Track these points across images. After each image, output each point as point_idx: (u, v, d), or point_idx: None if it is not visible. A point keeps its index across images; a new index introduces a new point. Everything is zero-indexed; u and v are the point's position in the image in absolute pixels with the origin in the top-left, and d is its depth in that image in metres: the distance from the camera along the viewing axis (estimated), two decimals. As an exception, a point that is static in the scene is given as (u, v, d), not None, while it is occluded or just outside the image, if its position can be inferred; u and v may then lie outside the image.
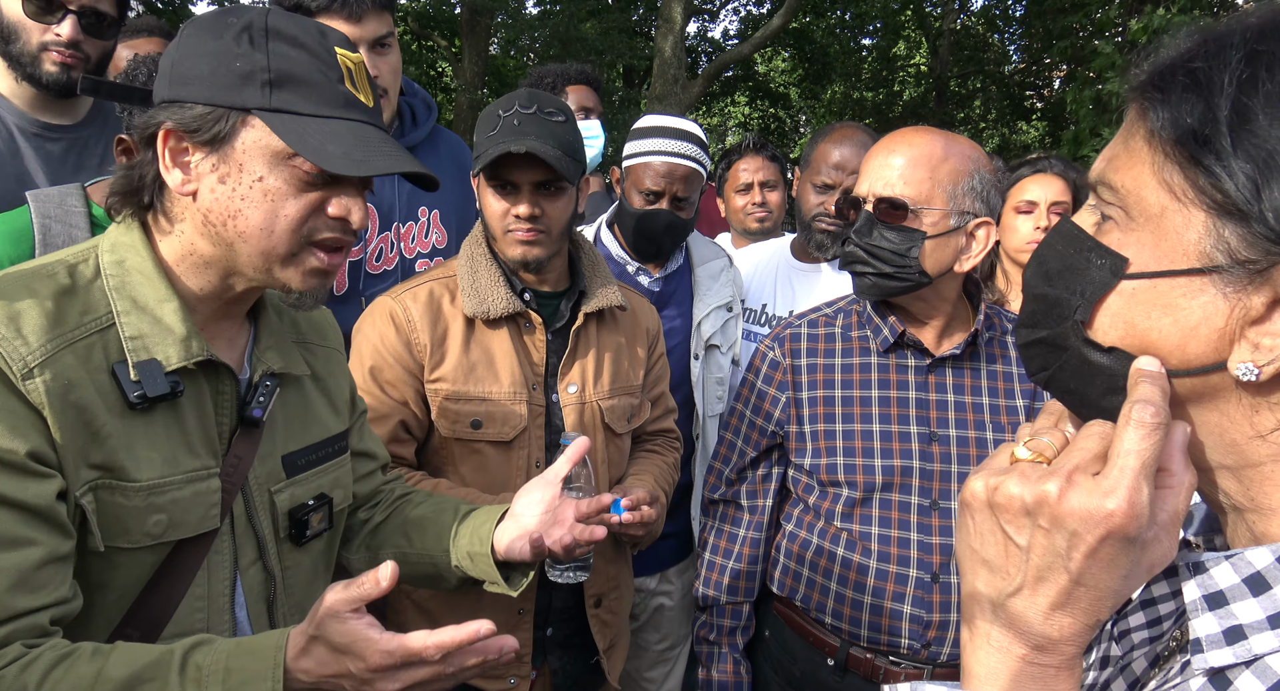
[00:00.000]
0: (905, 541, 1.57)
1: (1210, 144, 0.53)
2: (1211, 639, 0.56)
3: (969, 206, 1.51)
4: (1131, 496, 0.52)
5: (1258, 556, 0.56)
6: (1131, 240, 0.58)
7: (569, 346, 1.75)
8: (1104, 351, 0.60)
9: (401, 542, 1.38)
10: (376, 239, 2.10)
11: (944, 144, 1.52)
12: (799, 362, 1.72)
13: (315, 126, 1.01)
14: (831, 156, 2.29)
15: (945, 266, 1.53)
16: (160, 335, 1.02)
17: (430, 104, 2.28)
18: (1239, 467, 0.58)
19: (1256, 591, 0.55)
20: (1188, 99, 0.54)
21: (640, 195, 2.12)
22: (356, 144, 1.02)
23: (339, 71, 1.04)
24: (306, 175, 1.02)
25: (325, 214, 1.05)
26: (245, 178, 1.01)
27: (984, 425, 1.59)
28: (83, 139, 2.00)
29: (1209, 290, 0.54)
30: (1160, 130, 0.56)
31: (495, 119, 1.62)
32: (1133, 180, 0.58)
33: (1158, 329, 0.57)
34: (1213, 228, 0.54)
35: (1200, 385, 0.57)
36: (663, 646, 2.34)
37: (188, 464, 1.04)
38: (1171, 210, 0.56)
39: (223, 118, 0.99)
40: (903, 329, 1.62)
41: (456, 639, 0.93)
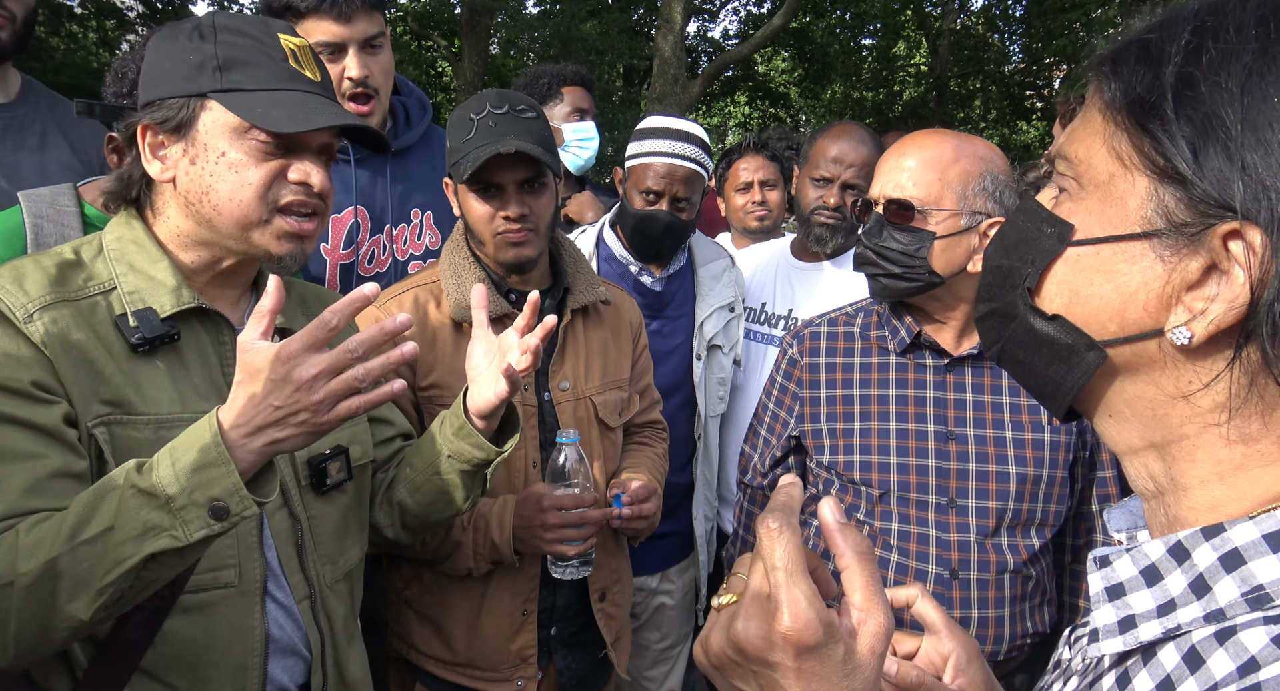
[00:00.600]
0: (924, 537, 1.59)
1: (1155, 110, 0.54)
2: (1108, 628, 0.58)
3: (980, 206, 1.52)
4: (793, 608, 0.54)
5: (1153, 548, 0.57)
6: (1080, 209, 0.60)
7: (559, 343, 1.75)
8: (1048, 320, 0.61)
9: (406, 472, 1.43)
10: (368, 241, 2.09)
11: (955, 145, 1.54)
12: (816, 360, 1.75)
13: (262, 98, 1.14)
14: (829, 151, 2.31)
15: (957, 266, 1.54)
16: (154, 288, 1.15)
17: (425, 104, 2.28)
18: (1165, 444, 0.59)
19: (1150, 582, 0.57)
20: (1139, 69, 0.56)
21: (641, 196, 2.12)
22: (300, 107, 1.15)
23: (282, 52, 1.18)
24: (264, 145, 1.14)
25: (287, 180, 1.16)
26: (211, 155, 1.14)
27: (1003, 424, 1.60)
28: (19, 117, 1.97)
29: (1148, 255, 0.55)
30: (1112, 101, 0.58)
31: (468, 122, 1.60)
32: (1085, 149, 0.60)
33: (1099, 295, 0.58)
34: (1154, 192, 0.55)
35: (1137, 353, 0.57)
36: (663, 645, 2.34)
37: (197, 406, 1.14)
38: (1118, 176, 0.57)
39: (184, 105, 1.13)
40: (919, 330, 1.63)
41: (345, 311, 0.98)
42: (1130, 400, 0.60)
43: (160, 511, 0.94)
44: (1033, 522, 1.59)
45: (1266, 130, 0.50)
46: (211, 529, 0.96)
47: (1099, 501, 1.68)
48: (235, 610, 1.16)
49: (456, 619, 1.69)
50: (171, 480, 0.95)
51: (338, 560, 1.31)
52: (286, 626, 1.24)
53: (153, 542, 0.94)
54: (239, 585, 1.17)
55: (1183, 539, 0.55)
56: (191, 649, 1.12)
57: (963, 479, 1.58)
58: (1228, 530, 0.53)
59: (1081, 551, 1.72)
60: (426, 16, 14.58)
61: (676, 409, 2.23)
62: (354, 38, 1.96)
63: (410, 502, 1.42)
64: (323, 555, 1.28)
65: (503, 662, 1.69)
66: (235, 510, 0.97)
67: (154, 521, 0.94)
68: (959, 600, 1.56)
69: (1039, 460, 1.57)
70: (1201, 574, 0.54)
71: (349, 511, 1.35)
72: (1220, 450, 0.55)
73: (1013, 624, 1.59)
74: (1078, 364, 0.60)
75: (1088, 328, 0.59)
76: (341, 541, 1.32)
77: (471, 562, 1.62)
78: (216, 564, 1.14)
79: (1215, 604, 0.52)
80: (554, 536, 1.56)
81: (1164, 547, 0.56)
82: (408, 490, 1.42)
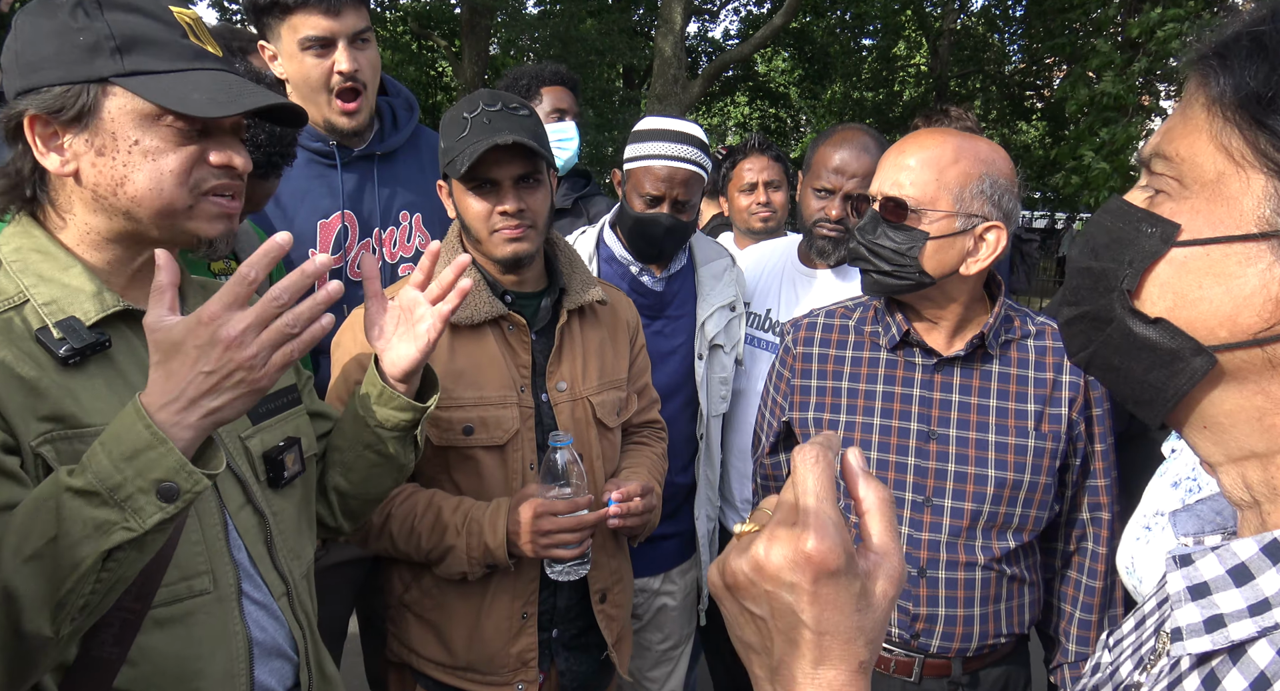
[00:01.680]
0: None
1: (1274, 105, 0.52)
2: (1192, 628, 0.56)
3: (977, 209, 1.51)
4: (819, 532, 0.53)
5: (1243, 547, 0.55)
6: (1185, 209, 0.57)
7: (555, 344, 1.74)
8: (1150, 323, 0.58)
9: (335, 456, 1.41)
10: (357, 246, 2.08)
11: (956, 146, 1.52)
12: (810, 350, 1.76)
13: (174, 80, 1.06)
14: (831, 161, 2.26)
15: (949, 268, 1.53)
16: (71, 296, 1.07)
17: (412, 104, 2.27)
18: (1270, 454, 0.56)
19: (1240, 582, 0.55)
20: (1251, 63, 0.54)
21: (641, 198, 2.11)
22: (219, 89, 1.08)
23: (180, 28, 1.10)
24: (179, 130, 1.07)
25: (208, 164, 1.10)
26: (122, 145, 1.05)
27: (986, 427, 1.59)
28: None
29: (1265, 257, 0.53)
30: (1220, 96, 0.55)
31: (462, 121, 1.60)
32: (1188, 147, 0.57)
33: (1208, 298, 0.56)
34: (1274, 191, 0.53)
35: (1248, 360, 0.55)
36: (665, 646, 2.34)
37: None
38: (1229, 175, 0.55)
39: (82, 92, 1.03)
40: (908, 327, 1.63)
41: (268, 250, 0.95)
42: (1232, 411, 0.57)
43: (106, 507, 0.89)
44: (1009, 527, 1.58)
45: None
46: (165, 512, 0.91)
47: (1090, 509, 1.68)
48: (214, 617, 1.13)
49: (456, 622, 1.69)
50: (111, 472, 0.90)
51: (301, 556, 1.30)
52: (269, 626, 1.22)
53: (106, 539, 0.89)
54: (215, 591, 1.13)
55: (1279, 536, 0.53)
56: (175, 663, 1.09)
57: (940, 479, 1.59)
58: None
59: (1072, 557, 1.72)
60: (426, 16, 14.57)
61: (679, 409, 2.23)
62: (343, 32, 1.96)
63: (345, 484, 1.40)
64: (289, 551, 1.26)
65: (503, 666, 1.69)
66: (185, 487, 0.92)
67: (101, 518, 0.89)
68: (925, 598, 1.58)
69: (1020, 465, 1.57)
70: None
71: (302, 507, 1.32)
72: None
73: (984, 623, 1.59)
74: (1182, 369, 0.57)
75: (1194, 332, 0.56)
76: (299, 537, 1.30)
77: (465, 567, 1.62)
78: (188, 572, 1.10)
79: None
80: (548, 541, 1.56)
81: (1257, 546, 0.54)
82: (340, 472, 1.40)
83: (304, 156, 2.04)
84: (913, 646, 1.59)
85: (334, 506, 1.43)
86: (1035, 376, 1.61)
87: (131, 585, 1.03)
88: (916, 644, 1.59)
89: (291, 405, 1.34)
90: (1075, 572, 1.71)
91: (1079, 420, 1.61)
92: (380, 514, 1.66)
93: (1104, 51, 7.39)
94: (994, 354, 1.62)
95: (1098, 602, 1.68)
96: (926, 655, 1.60)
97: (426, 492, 1.68)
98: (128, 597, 1.03)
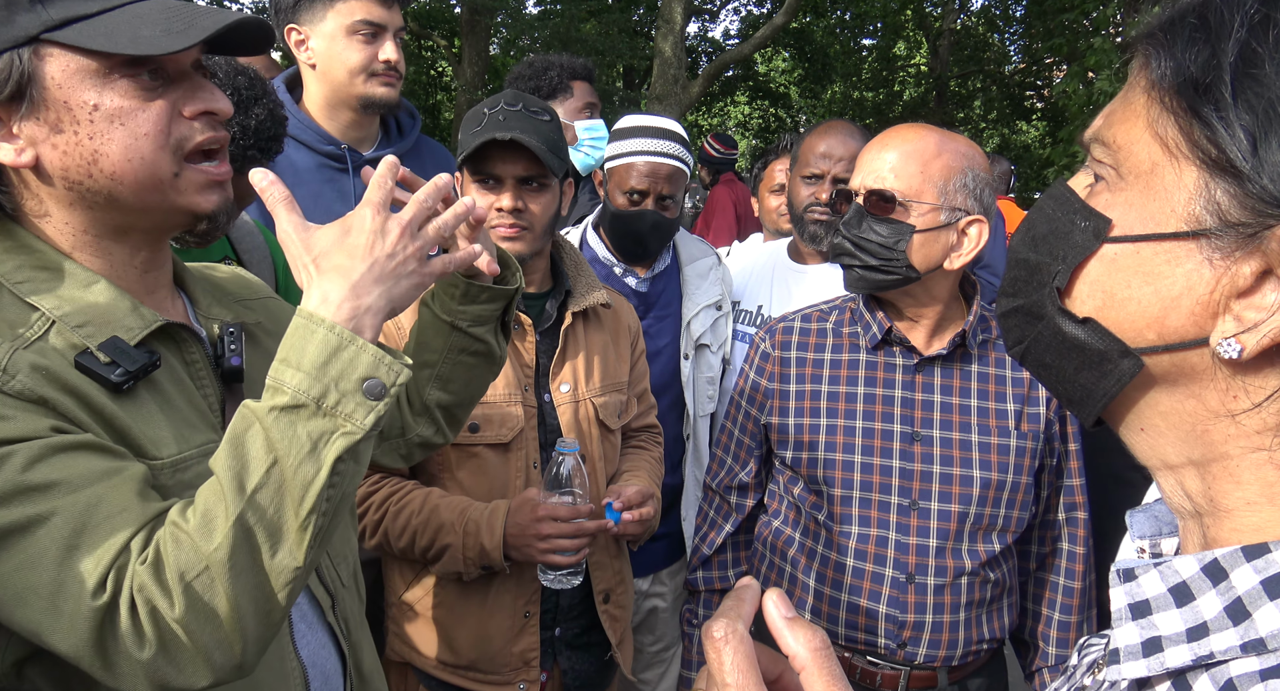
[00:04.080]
0: (883, 540, 1.57)
1: (1210, 92, 0.48)
2: (1130, 649, 0.53)
3: (961, 203, 1.51)
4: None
5: (1184, 565, 0.52)
6: (1119, 201, 0.54)
7: (559, 346, 1.75)
8: (1079, 323, 0.56)
9: (424, 374, 1.33)
10: None
11: (938, 140, 1.52)
12: (788, 355, 1.73)
13: (112, 20, 0.89)
14: (818, 147, 2.32)
15: (934, 262, 1.52)
16: (105, 315, 0.93)
17: (414, 113, 2.33)
18: (1206, 462, 0.54)
19: (1180, 602, 0.51)
20: (1194, 44, 0.50)
21: (624, 195, 2.11)
22: (169, 17, 0.91)
23: None
24: (140, 82, 0.91)
25: (184, 118, 0.95)
26: (79, 114, 0.89)
27: (969, 427, 1.58)
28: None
29: (1195, 256, 0.50)
30: (1160, 79, 0.52)
31: (480, 116, 1.62)
32: (1125, 134, 0.54)
33: (1137, 299, 0.53)
34: (1204, 186, 0.49)
35: (1177, 364, 0.52)
36: (657, 648, 2.33)
37: (195, 438, 0.99)
38: (1163, 166, 0.52)
39: (11, 61, 0.86)
40: (890, 325, 1.61)
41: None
42: (1166, 413, 0.55)
43: (318, 417, 0.85)
44: (994, 528, 1.57)
45: None
46: (377, 410, 0.87)
47: (1065, 510, 1.66)
48: (271, 653, 1.03)
49: (458, 621, 1.68)
50: (309, 384, 0.85)
51: (347, 555, 1.22)
52: (318, 651, 1.13)
53: (329, 450, 0.85)
54: None
55: (1220, 557, 0.50)
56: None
57: (926, 481, 1.56)
58: (1274, 551, 0.48)
59: (1047, 559, 1.70)
60: (426, 16, 14.58)
61: (666, 409, 2.22)
62: (393, 24, 2.08)
63: (446, 397, 1.36)
64: (335, 554, 1.18)
65: (505, 665, 1.68)
66: (389, 381, 0.89)
67: (317, 429, 0.85)
68: (914, 604, 1.55)
69: (1004, 465, 1.55)
70: (1240, 597, 0.48)
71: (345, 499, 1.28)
72: (1271, 472, 0.50)
73: (968, 629, 1.57)
74: (1110, 372, 0.55)
75: (1123, 334, 0.54)
76: (346, 532, 1.23)
77: (461, 567, 1.61)
78: None
79: (1255, 632, 0.47)
80: (547, 546, 1.55)
81: (1198, 565, 0.51)
82: (439, 386, 1.35)
83: (315, 160, 2.10)
84: (899, 657, 1.56)
85: (439, 421, 1.38)
86: (1013, 376, 1.60)
87: None
88: (904, 654, 1.56)
89: None
90: (1052, 575, 1.69)
91: (1055, 419, 1.60)
92: (376, 511, 1.65)
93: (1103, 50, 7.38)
94: (974, 353, 1.61)
95: (1077, 603, 1.66)
96: (912, 666, 1.57)
97: (423, 490, 1.67)
98: None
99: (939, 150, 1.51)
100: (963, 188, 1.50)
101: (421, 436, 1.38)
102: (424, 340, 1.34)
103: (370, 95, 2.08)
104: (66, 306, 0.92)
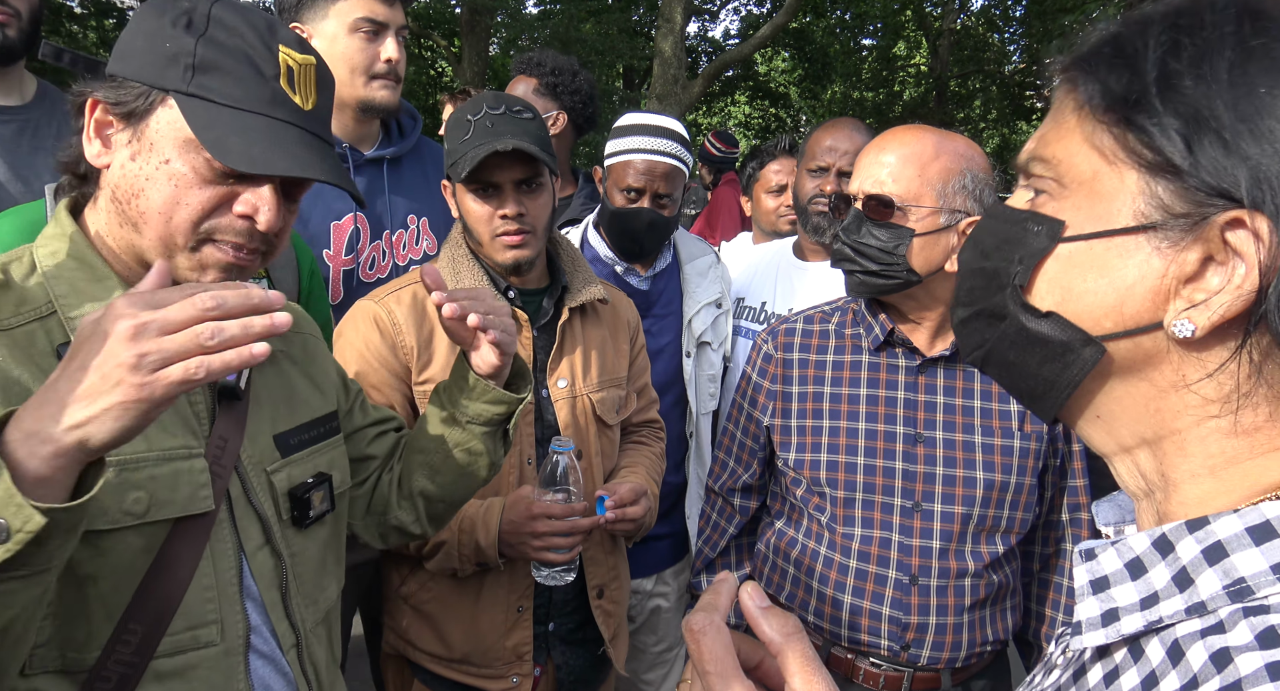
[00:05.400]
0: (886, 542, 1.57)
1: (1140, 104, 0.55)
2: (1090, 621, 0.58)
3: (960, 205, 1.50)
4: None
5: (1138, 542, 0.57)
6: (1066, 206, 0.60)
7: (556, 341, 1.75)
8: (1042, 317, 0.61)
9: (418, 459, 1.34)
10: (369, 248, 2.12)
11: (936, 142, 1.51)
12: (790, 356, 1.72)
13: (229, 117, 0.98)
14: (824, 141, 2.35)
15: (935, 265, 1.52)
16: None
17: (415, 115, 2.32)
18: (1157, 440, 0.59)
19: (1135, 575, 0.57)
20: (1114, 69, 0.57)
21: (622, 193, 2.11)
22: (268, 142, 0.98)
23: (276, 68, 1.01)
24: (215, 167, 0.98)
25: (231, 211, 1.01)
26: (153, 158, 0.99)
27: (972, 428, 1.57)
28: (34, 120, 1.96)
29: (1144, 248, 0.56)
30: (1089, 99, 0.58)
31: (465, 124, 1.61)
32: (1063, 149, 0.60)
33: (1094, 291, 0.58)
34: (1145, 186, 0.55)
35: (1135, 348, 0.58)
36: (660, 648, 2.34)
37: (163, 442, 1.00)
38: (1103, 172, 0.58)
39: (144, 95, 0.98)
40: (892, 326, 1.61)
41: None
42: (1120, 397, 0.60)
43: None
44: (998, 529, 1.56)
45: (1258, 120, 0.51)
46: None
47: (1069, 510, 1.66)
48: (217, 672, 1.03)
49: (452, 615, 1.69)
50: None
51: (318, 600, 1.20)
52: (274, 683, 1.11)
53: None
54: (222, 643, 1.03)
55: (1167, 532, 0.56)
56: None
57: (929, 483, 1.55)
58: (1212, 523, 0.54)
59: (1050, 560, 1.70)
60: (426, 17, 14.58)
61: (668, 407, 2.22)
62: (395, 22, 2.07)
63: (432, 488, 1.35)
64: (305, 596, 1.16)
65: (498, 659, 1.69)
66: (14, 525, 0.71)
67: None
68: (917, 606, 1.54)
69: (1007, 466, 1.55)
70: (1185, 566, 0.54)
71: (328, 545, 1.23)
72: (1214, 443, 0.56)
73: (972, 631, 1.56)
74: (1074, 361, 0.60)
75: (1083, 324, 0.59)
76: (321, 579, 1.21)
77: (456, 564, 1.62)
78: (195, 621, 1.01)
79: (1197, 596, 0.52)
80: (541, 544, 1.56)
81: (1149, 541, 0.56)
82: (426, 475, 1.34)
83: None
84: (902, 658, 1.56)
85: (419, 511, 1.37)
86: None
87: (134, 634, 0.96)
88: (906, 656, 1.55)
89: (327, 436, 1.24)
90: (1056, 575, 1.69)
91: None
92: None
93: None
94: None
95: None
96: (916, 668, 1.57)
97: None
98: (127, 650, 0.95)
99: (937, 152, 1.50)
100: (962, 189, 1.50)
101: (399, 521, 1.38)
102: (423, 425, 1.36)
103: (370, 99, 2.08)
104: (72, 299, 0.99)
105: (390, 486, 1.38)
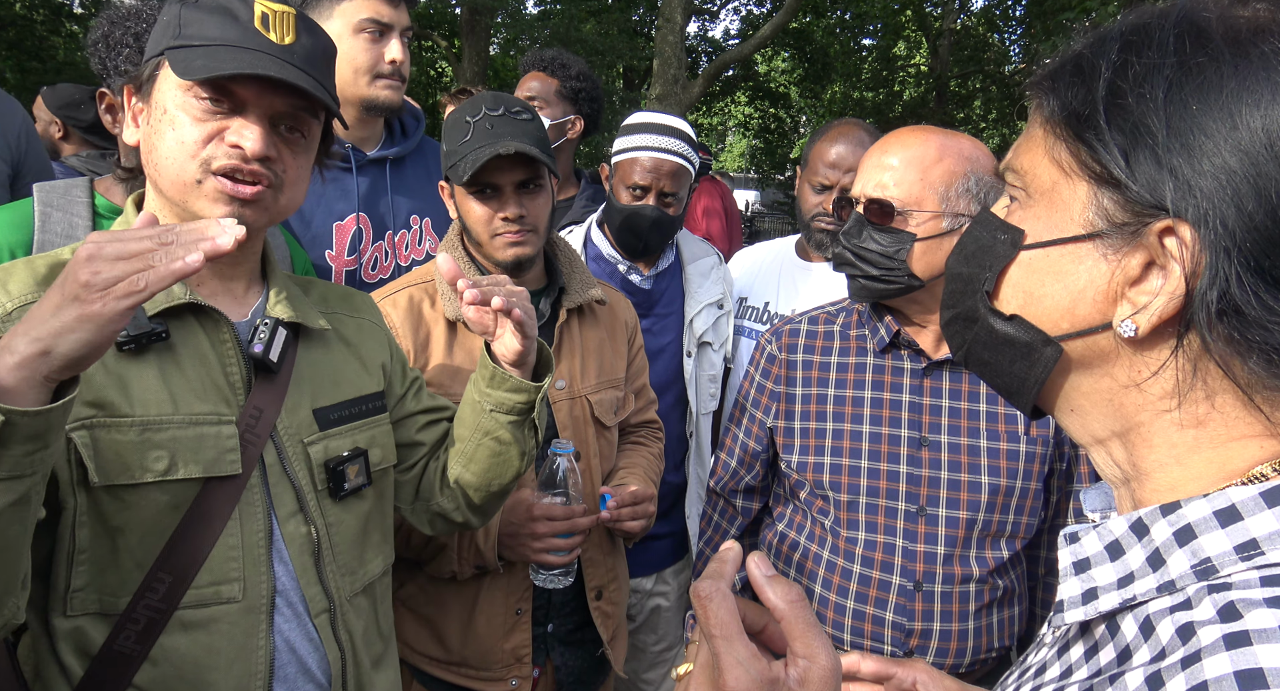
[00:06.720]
0: (890, 547, 1.55)
1: (1089, 121, 0.59)
2: (1072, 600, 0.62)
3: (963, 208, 1.48)
4: (731, 671, 0.56)
5: (1116, 525, 0.61)
6: (1030, 215, 0.65)
7: (554, 342, 1.75)
8: (1007, 320, 0.66)
9: (456, 447, 1.38)
10: (371, 248, 2.12)
11: (940, 144, 1.49)
12: (795, 358, 1.71)
13: (202, 52, 1.06)
14: (828, 155, 2.28)
15: (937, 270, 1.50)
16: None
17: (419, 115, 2.33)
18: (1125, 432, 0.63)
19: (1114, 557, 0.61)
20: (1072, 86, 0.61)
21: (627, 191, 2.11)
22: (228, 60, 1.05)
23: (250, 14, 1.10)
24: (206, 104, 1.07)
25: (223, 142, 1.08)
26: (157, 112, 1.09)
27: (978, 432, 1.55)
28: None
29: (1093, 254, 0.60)
30: (1051, 115, 0.63)
31: (464, 125, 1.61)
32: (1030, 161, 0.65)
33: (1050, 294, 0.63)
34: (1094, 197, 0.59)
35: (1089, 347, 0.62)
36: (659, 647, 2.34)
37: (193, 407, 1.07)
38: (1060, 184, 0.62)
39: (149, 66, 1.10)
40: (897, 329, 1.59)
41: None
42: (1088, 393, 0.64)
43: None
44: (1002, 534, 1.54)
45: (1188, 135, 0.55)
46: None
47: (1075, 515, 1.63)
48: (238, 627, 1.09)
49: (450, 618, 1.69)
50: None
51: (357, 571, 1.24)
52: (300, 646, 1.16)
53: None
54: (243, 600, 1.09)
55: (1143, 515, 0.60)
56: (193, 668, 1.06)
57: (934, 487, 1.54)
58: (1183, 507, 0.57)
59: (1055, 564, 1.69)
60: (426, 17, 14.58)
61: (669, 407, 2.23)
62: (400, 23, 2.07)
63: (468, 476, 1.37)
64: (341, 566, 1.21)
65: (496, 662, 1.69)
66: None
67: None
68: (921, 612, 1.52)
69: (1012, 471, 1.53)
70: (1158, 548, 0.58)
71: (370, 519, 1.27)
72: (1173, 434, 0.60)
73: (977, 637, 1.54)
74: (1037, 360, 0.65)
75: (1042, 325, 0.64)
76: (361, 551, 1.25)
77: (456, 566, 1.62)
78: (219, 577, 1.07)
79: (1168, 575, 0.56)
80: (541, 546, 1.56)
81: (1126, 524, 0.60)
82: (461, 464, 1.37)
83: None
84: None
85: (459, 500, 1.40)
86: None
87: (161, 584, 1.04)
88: None
89: (370, 413, 1.29)
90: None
91: None
92: None
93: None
94: None
95: None
96: None
97: None
98: (155, 597, 1.03)
99: (940, 155, 1.48)
100: (965, 192, 1.48)
101: (442, 508, 1.41)
102: (461, 415, 1.39)
103: (374, 98, 2.08)
104: None
105: (436, 474, 1.42)
